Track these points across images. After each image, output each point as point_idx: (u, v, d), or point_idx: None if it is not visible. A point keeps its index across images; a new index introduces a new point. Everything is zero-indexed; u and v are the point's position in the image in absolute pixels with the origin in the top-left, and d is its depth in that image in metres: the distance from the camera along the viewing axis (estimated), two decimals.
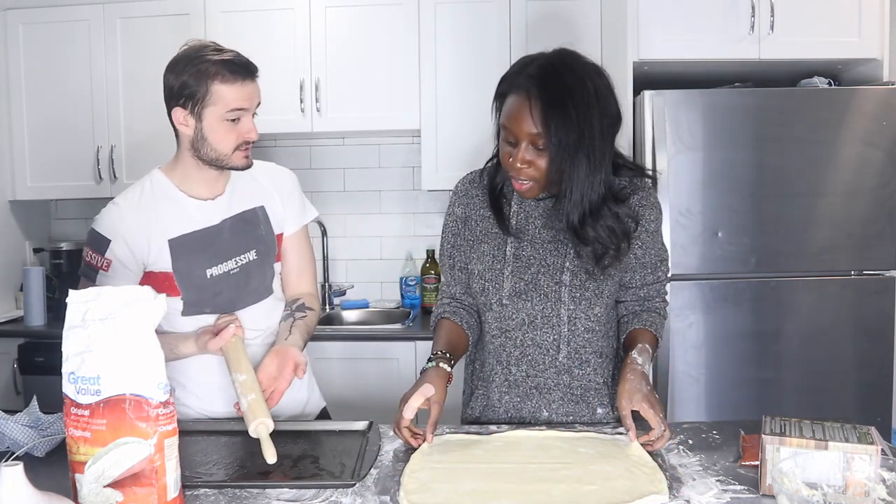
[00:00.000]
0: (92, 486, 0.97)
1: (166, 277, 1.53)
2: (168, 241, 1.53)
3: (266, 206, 1.64)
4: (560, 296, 1.47)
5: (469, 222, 1.56)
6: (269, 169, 1.70)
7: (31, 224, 3.34)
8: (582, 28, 2.91)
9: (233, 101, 1.47)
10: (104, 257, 1.50)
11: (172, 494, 1.02)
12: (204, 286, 1.56)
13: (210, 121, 1.48)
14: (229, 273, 1.58)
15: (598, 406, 1.53)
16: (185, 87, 1.47)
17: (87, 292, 1.02)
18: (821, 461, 1.05)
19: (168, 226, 1.54)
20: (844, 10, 2.51)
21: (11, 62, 3.12)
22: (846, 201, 2.47)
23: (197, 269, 1.55)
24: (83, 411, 0.98)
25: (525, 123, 1.35)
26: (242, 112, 1.49)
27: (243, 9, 2.99)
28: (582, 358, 1.51)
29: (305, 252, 1.73)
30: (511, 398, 1.53)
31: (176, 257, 1.53)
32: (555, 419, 1.52)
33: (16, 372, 2.88)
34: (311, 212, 1.74)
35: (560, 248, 1.48)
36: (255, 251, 1.61)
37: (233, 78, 1.46)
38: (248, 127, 1.50)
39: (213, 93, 1.46)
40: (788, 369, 2.51)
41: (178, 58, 1.49)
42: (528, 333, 1.50)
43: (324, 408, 1.80)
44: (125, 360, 0.98)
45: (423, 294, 3.24)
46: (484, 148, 2.96)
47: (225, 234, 1.58)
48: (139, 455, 0.97)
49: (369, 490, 1.16)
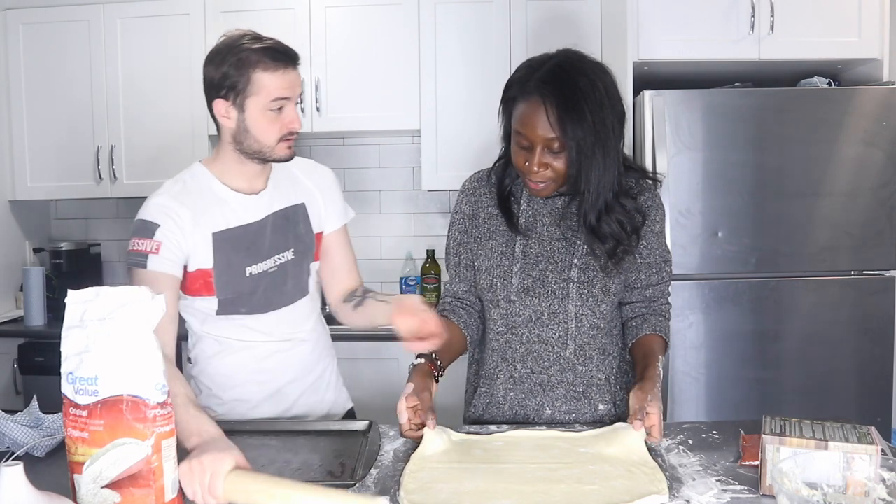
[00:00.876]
0: (90, 486, 0.97)
1: (204, 275, 1.49)
2: (212, 235, 1.48)
3: (307, 203, 1.61)
4: (568, 292, 1.48)
5: (477, 220, 1.57)
6: (309, 166, 1.67)
7: (31, 224, 3.34)
8: (582, 28, 2.91)
9: (275, 90, 1.42)
10: (153, 240, 1.42)
11: (171, 496, 1.01)
12: (242, 284, 1.51)
13: (252, 111, 1.43)
14: (267, 272, 1.54)
15: (601, 402, 1.54)
16: (225, 77, 1.41)
17: (86, 292, 1.02)
18: (821, 461, 1.05)
19: (211, 219, 1.49)
20: (844, 10, 2.51)
21: (11, 62, 3.12)
22: (846, 201, 2.47)
23: (237, 267, 1.50)
24: (81, 412, 0.97)
25: (541, 128, 1.36)
26: (285, 101, 1.44)
27: (243, 9, 2.99)
28: (586, 354, 1.52)
29: (349, 250, 1.70)
30: (515, 395, 1.54)
31: (217, 253, 1.48)
32: (558, 417, 1.52)
33: (16, 372, 2.88)
34: (350, 211, 1.73)
35: (568, 246, 1.49)
36: (292, 250, 1.57)
37: (275, 66, 1.41)
38: (292, 117, 1.46)
39: (255, 82, 1.41)
40: (788, 369, 2.51)
41: (217, 48, 1.44)
42: (534, 330, 1.51)
43: (350, 408, 1.77)
44: (123, 361, 0.98)
45: (424, 294, 3.24)
46: (484, 148, 2.98)
47: (267, 231, 1.53)
48: (136, 456, 0.97)
49: (369, 490, 1.16)
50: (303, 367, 1.63)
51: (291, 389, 1.62)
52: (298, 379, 1.63)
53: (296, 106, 1.48)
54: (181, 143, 2.99)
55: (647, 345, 1.50)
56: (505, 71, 2.95)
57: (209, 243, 1.48)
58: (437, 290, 3.23)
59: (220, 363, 1.58)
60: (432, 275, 3.22)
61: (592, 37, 2.90)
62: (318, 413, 1.66)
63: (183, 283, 1.49)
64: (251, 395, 1.59)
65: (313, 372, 1.65)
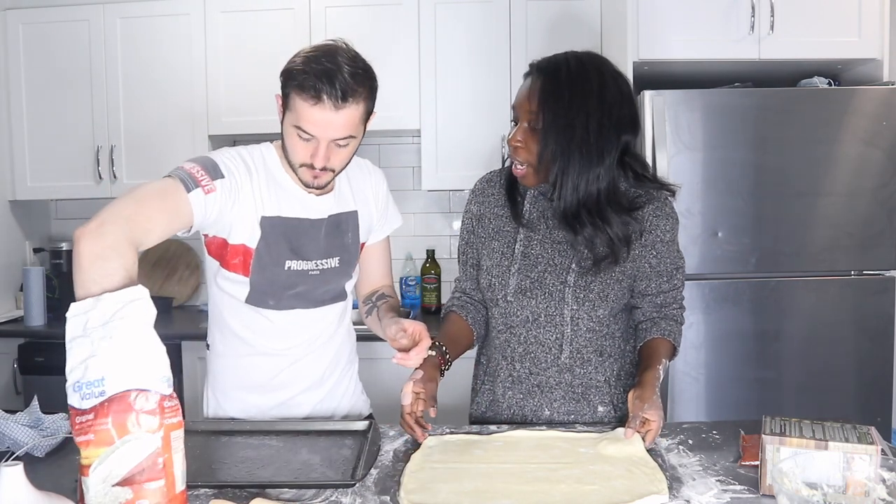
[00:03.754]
0: (100, 486, 0.97)
1: (245, 253, 1.45)
2: (262, 217, 1.44)
3: (360, 211, 1.57)
4: (564, 296, 1.48)
5: (483, 220, 1.59)
6: (366, 169, 1.62)
7: (31, 224, 3.34)
8: (582, 28, 2.91)
9: (303, 121, 1.35)
10: (213, 182, 1.36)
11: (181, 487, 1.02)
12: (277, 276, 1.47)
13: (286, 124, 1.40)
14: (307, 273, 1.50)
15: (600, 405, 1.54)
16: (283, 77, 1.38)
17: (85, 303, 1.02)
18: (821, 461, 1.05)
19: (268, 202, 1.45)
20: (844, 10, 2.51)
21: (11, 62, 3.12)
22: (846, 201, 2.47)
23: (277, 257, 1.46)
24: (87, 416, 0.97)
25: (525, 102, 1.43)
26: (313, 137, 1.36)
27: (243, 9, 2.99)
28: (584, 357, 1.52)
29: (387, 256, 1.69)
30: (514, 394, 1.55)
31: (264, 237, 1.44)
32: (556, 418, 1.53)
33: (16, 372, 2.88)
34: (398, 219, 1.69)
35: (568, 250, 1.50)
36: (338, 258, 1.54)
37: (305, 95, 1.33)
38: (318, 154, 1.38)
39: (292, 99, 1.36)
40: (788, 369, 2.51)
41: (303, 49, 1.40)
42: (531, 331, 1.51)
43: (369, 415, 1.72)
44: (128, 358, 0.98)
45: (423, 294, 3.24)
46: (483, 148, 2.98)
47: (319, 233, 1.50)
48: (146, 450, 0.97)
49: (369, 490, 1.16)
50: (319, 376, 1.60)
51: (305, 399, 1.59)
52: (313, 388, 1.60)
53: (335, 147, 1.39)
54: (181, 144, 2.99)
55: (652, 348, 1.49)
56: (505, 71, 2.95)
57: (256, 223, 1.44)
58: (437, 290, 3.23)
59: (238, 363, 1.56)
60: (432, 275, 3.22)
61: (592, 37, 2.90)
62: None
63: (224, 254, 1.46)
64: (262, 400, 1.57)
65: (330, 379, 1.62)
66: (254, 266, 1.46)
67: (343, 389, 1.66)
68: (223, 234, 1.45)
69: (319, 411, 1.61)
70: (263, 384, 1.56)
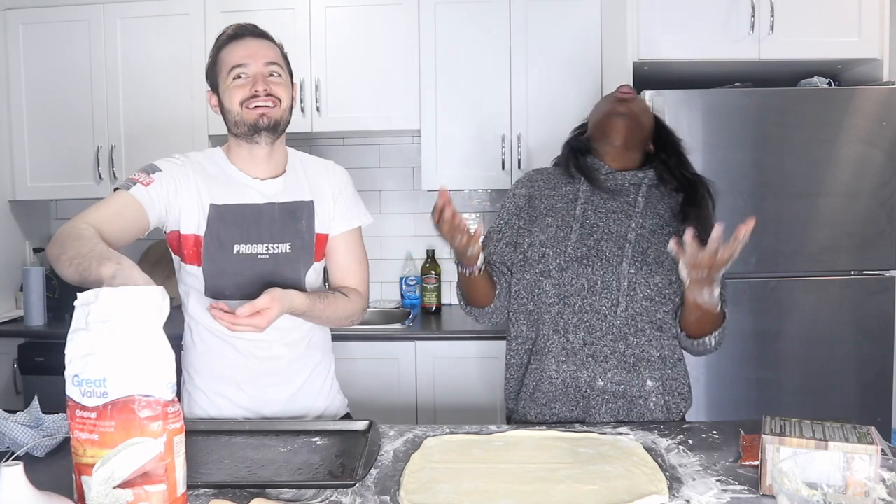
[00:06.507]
0: (101, 487, 0.97)
1: (196, 243, 1.53)
2: (210, 205, 1.53)
3: (316, 202, 1.61)
4: (621, 260, 1.53)
5: (533, 200, 1.66)
6: (327, 167, 1.69)
7: (31, 224, 3.34)
8: (582, 28, 2.91)
9: (231, 60, 1.52)
10: (149, 176, 1.50)
11: (181, 490, 1.02)
12: (227, 261, 1.53)
13: (223, 88, 1.53)
14: (256, 256, 1.54)
15: (649, 378, 1.55)
16: (208, 71, 1.57)
17: (88, 294, 1.02)
18: (821, 461, 1.05)
19: (214, 191, 1.54)
20: (844, 10, 2.52)
21: (11, 62, 3.12)
22: (846, 201, 2.47)
23: (225, 241, 1.53)
24: (89, 413, 0.97)
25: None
26: (242, 69, 1.51)
27: (243, 9, 2.99)
28: (638, 326, 1.54)
29: (355, 253, 1.68)
30: (568, 367, 1.56)
31: (211, 223, 1.52)
32: (609, 388, 1.54)
33: (16, 372, 2.88)
34: (365, 217, 1.70)
35: (624, 219, 1.57)
36: (290, 245, 1.57)
37: (232, 41, 1.54)
38: (258, 81, 1.51)
39: (219, 61, 1.54)
40: (788, 369, 2.51)
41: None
42: (587, 299, 1.54)
43: (346, 415, 1.73)
44: (132, 361, 0.98)
45: (423, 294, 3.24)
46: (483, 148, 2.98)
47: (265, 218, 1.56)
48: (149, 454, 0.97)
49: (369, 490, 1.16)
50: (289, 371, 1.61)
51: (275, 394, 1.60)
52: (282, 384, 1.60)
53: (267, 73, 1.52)
54: (181, 143, 2.99)
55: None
56: (505, 71, 2.96)
57: (205, 211, 1.53)
58: (437, 290, 3.22)
59: (208, 357, 1.58)
60: (432, 275, 3.22)
61: (592, 37, 2.90)
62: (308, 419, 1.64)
63: (180, 247, 1.54)
64: (232, 393, 1.58)
65: (301, 375, 1.62)
66: (204, 254, 1.53)
67: (318, 387, 1.66)
68: (176, 227, 1.54)
69: (292, 409, 1.61)
70: (235, 377, 1.57)
